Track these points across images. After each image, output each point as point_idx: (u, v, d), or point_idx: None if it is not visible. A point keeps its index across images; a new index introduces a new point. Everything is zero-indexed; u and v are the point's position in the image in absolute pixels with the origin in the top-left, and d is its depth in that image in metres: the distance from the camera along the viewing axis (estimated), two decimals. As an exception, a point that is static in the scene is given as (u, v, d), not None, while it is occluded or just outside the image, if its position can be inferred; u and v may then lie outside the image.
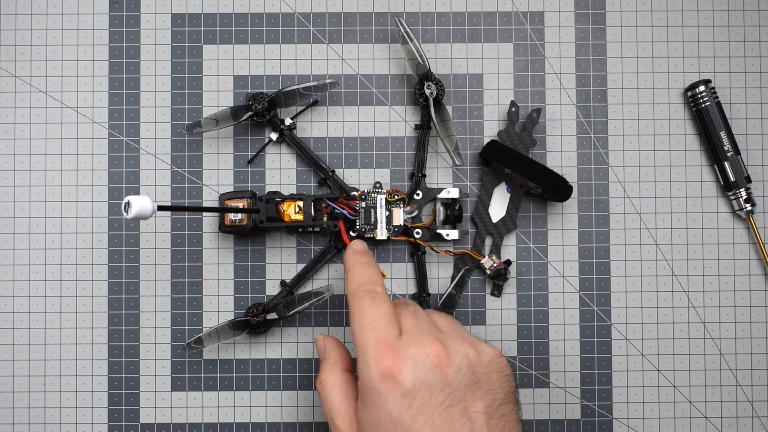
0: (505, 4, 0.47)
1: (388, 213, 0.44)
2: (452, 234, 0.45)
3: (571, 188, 0.43)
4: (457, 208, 0.44)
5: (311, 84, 0.44)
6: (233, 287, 0.45)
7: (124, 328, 0.45)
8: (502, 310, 0.46)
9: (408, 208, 0.45)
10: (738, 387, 0.46)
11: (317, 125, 0.46)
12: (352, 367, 0.37)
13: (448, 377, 0.32)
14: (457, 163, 0.44)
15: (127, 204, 0.32)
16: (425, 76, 0.44)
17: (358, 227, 0.44)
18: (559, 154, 0.46)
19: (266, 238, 0.46)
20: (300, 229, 0.45)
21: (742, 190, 0.45)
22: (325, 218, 0.44)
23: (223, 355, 0.45)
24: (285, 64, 0.46)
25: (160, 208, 0.34)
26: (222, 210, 0.39)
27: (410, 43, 0.43)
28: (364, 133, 0.46)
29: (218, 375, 0.45)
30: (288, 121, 0.45)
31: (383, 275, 0.41)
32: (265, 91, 0.46)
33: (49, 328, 0.45)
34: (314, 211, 0.44)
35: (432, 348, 0.32)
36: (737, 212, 0.46)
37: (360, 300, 0.35)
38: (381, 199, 0.44)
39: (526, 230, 0.46)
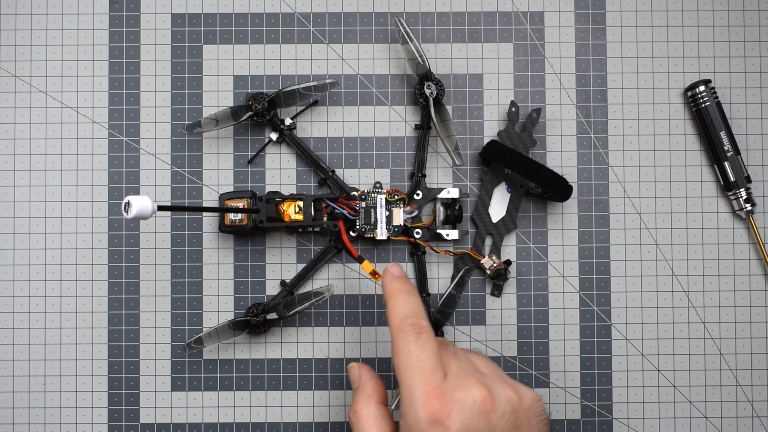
0: (505, 4, 0.47)
1: (388, 213, 0.44)
2: (452, 234, 0.45)
3: (571, 188, 0.43)
4: (457, 208, 0.44)
5: (311, 84, 0.44)
6: (233, 287, 0.45)
7: (124, 328, 0.45)
8: (502, 310, 0.46)
9: (408, 208, 0.45)
10: (738, 387, 0.46)
11: (317, 125, 0.46)
12: (386, 400, 0.37)
13: (493, 422, 0.32)
14: (457, 163, 0.44)
15: (127, 204, 0.32)
16: (425, 76, 0.44)
17: (358, 227, 0.44)
18: (559, 154, 0.46)
19: (266, 238, 0.46)
20: (300, 229, 0.45)
21: (742, 190, 0.45)
22: (325, 218, 0.44)
23: (223, 355, 0.45)
24: (285, 64, 0.46)
25: (160, 208, 0.34)
26: (222, 210, 0.39)
27: (410, 43, 0.43)
28: (364, 133, 0.46)
29: (218, 375, 0.45)
30: (288, 121, 0.45)
31: (377, 276, 0.42)
32: (265, 91, 0.46)
33: (49, 328, 0.45)
34: (314, 211, 0.44)
35: (478, 392, 0.32)
36: (737, 212, 0.46)
37: (406, 336, 0.34)
38: (381, 199, 0.44)
39: (526, 230, 0.46)
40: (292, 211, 0.43)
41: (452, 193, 0.45)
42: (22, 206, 0.45)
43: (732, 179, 0.45)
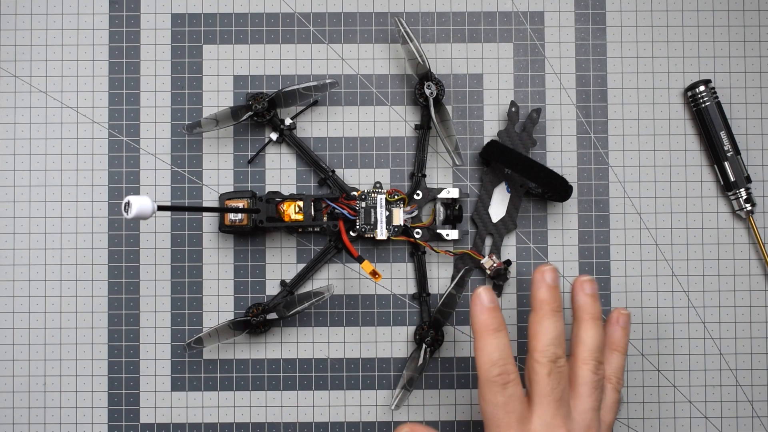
0: (505, 4, 0.47)
1: (388, 213, 0.44)
2: (452, 234, 0.45)
3: (571, 188, 0.43)
4: (457, 208, 0.44)
5: (311, 84, 0.44)
6: (233, 287, 0.45)
7: (124, 328, 0.45)
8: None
9: (408, 208, 0.45)
10: (738, 387, 0.46)
11: (317, 125, 0.46)
12: None
13: None
14: (457, 163, 0.44)
15: (127, 204, 0.32)
16: (425, 76, 0.44)
17: (358, 227, 0.44)
18: (559, 154, 0.46)
19: (266, 238, 0.46)
20: (300, 229, 0.45)
21: (742, 190, 0.45)
22: (325, 218, 0.44)
23: (223, 355, 0.45)
24: (285, 64, 0.46)
25: (160, 208, 0.34)
26: (222, 210, 0.39)
27: (410, 43, 0.43)
28: (364, 133, 0.46)
29: (218, 375, 0.45)
30: (288, 121, 0.45)
31: (377, 276, 0.41)
32: (265, 91, 0.46)
33: (49, 328, 0.45)
34: (314, 211, 0.44)
35: None
36: (737, 212, 0.46)
37: (493, 387, 0.35)
38: (381, 199, 0.44)
39: (526, 230, 0.46)
40: (292, 211, 0.43)
41: (452, 193, 0.45)
42: (22, 206, 0.45)
43: (732, 179, 0.45)
